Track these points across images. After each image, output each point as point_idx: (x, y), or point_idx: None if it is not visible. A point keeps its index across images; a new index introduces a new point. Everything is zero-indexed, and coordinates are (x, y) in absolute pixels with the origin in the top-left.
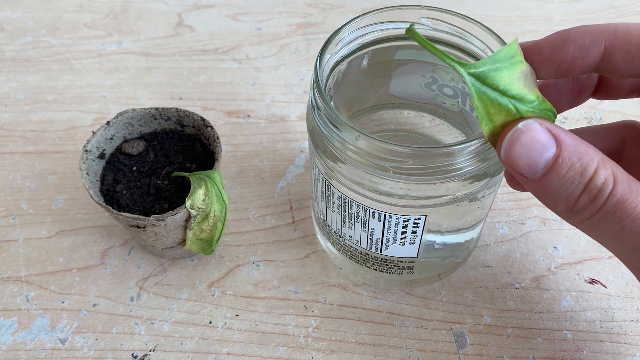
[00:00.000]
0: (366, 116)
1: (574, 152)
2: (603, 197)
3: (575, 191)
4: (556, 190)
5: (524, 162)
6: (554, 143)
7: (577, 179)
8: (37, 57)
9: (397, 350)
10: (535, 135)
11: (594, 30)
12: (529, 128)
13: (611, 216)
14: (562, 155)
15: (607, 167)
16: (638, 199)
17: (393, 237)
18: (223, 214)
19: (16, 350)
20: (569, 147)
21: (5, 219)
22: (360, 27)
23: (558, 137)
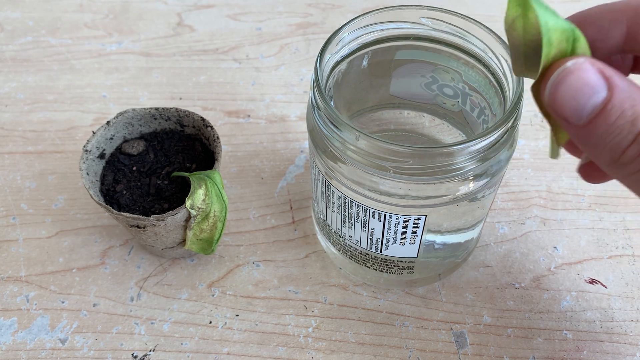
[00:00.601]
0: (366, 116)
1: (627, 98)
2: None
3: (624, 141)
4: (602, 138)
5: (569, 105)
6: (605, 86)
7: (627, 128)
8: (37, 57)
9: (397, 350)
10: (585, 76)
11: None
12: (579, 67)
13: None
14: (612, 100)
15: None
16: None
17: (393, 237)
18: (223, 214)
19: (16, 350)
20: (622, 92)
21: (5, 219)
22: (360, 27)
23: (611, 79)
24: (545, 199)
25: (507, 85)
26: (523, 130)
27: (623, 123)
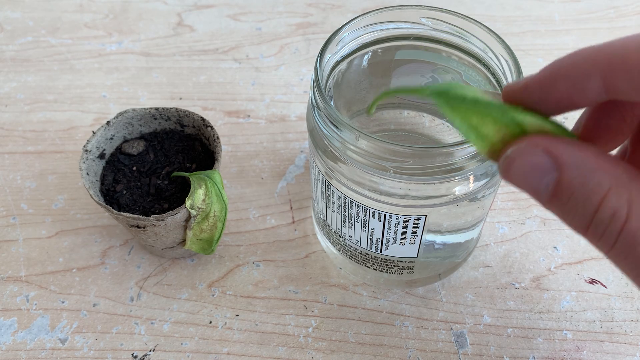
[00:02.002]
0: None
1: (576, 175)
2: (612, 236)
3: (582, 222)
4: (564, 217)
5: (526, 188)
6: (553, 165)
7: (581, 210)
8: (37, 57)
9: (397, 350)
10: (529, 161)
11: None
12: (521, 153)
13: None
14: (562, 180)
15: (621, 193)
16: None
17: (393, 237)
18: (223, 214)
19: (16, 350)
20: (571, 169)
21: (5, 219)
22: (360, 27)
23: (559, 157)
24: None
25: None
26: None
27: (576, 205)
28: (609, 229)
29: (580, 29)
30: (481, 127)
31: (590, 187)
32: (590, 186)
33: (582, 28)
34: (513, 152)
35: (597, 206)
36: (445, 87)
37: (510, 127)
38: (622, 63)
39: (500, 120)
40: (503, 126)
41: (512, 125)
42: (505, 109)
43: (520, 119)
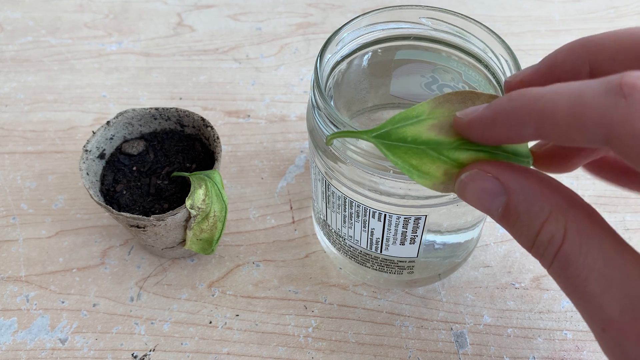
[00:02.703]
0: (366, 116)
1: (522, 200)
2: (549, 257)
3: (527, 242)
4: (513, 235)
5: (480, 206)
6: (502, 189)
7: (525, 232)
8: (37, 57)
9: (397, 350)
10: (481, 185)
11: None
12: (472, 178)
13: (558, 278)
14: (509, 204)
15: (559, 218)
16: (584, 264)
17: (393, 237)
18: (223, 214)
19: (16, 350)
20: (517, 194)
21: (5, 219)
22: (360, 27)
23: (506, 183)
24: None
25: None
26: None
27: (521, 227)
28: (547, 251)
29: (580, 29)
30: (421, 166)
31: (533, 213)
32: (533, 211)
33: (582, 28)
34: (466, 177)
35: (538, 230)
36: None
37: (449, 164)
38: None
39: (438, 159)
40: (442, 163)
41: (449, 162)
42: (441, 149)
43: (456, 156)
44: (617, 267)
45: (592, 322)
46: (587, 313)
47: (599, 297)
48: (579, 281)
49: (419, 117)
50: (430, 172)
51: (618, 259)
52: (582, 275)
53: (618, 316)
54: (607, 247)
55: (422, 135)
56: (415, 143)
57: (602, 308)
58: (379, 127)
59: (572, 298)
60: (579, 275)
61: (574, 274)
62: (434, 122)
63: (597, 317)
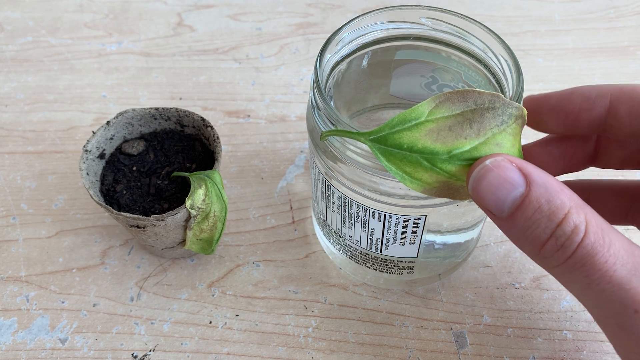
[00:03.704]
0: (366, 116)
1: (544, 192)
2: (572, 247)
3: (542, 235)
4: (523, 231)
5: (491, 200)
6: (523, 182)
7: (544, 223)
8: (37, 57)
9: (397, 350)
10: (504, 173)
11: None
12: (498, 165)
13: (579, 268)
14: (530, 194)
15: (579, 213)
16: (609, 253)
17: (393, 237)
18: (223, 214)
19: (16, 350)
20: (540, 187)
21: (5, 219)
22: (360, 27)
23: (529, 175)
24: None
25: (507, 85)
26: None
27: (540, 217)
28: (570, 240)
29: (580, 29)
30: (414, 173)
31: (554, 204)
32: (557, 202)
33: (582, 28)
34: (491, 163)
35: (561, 220)
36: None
37: (441, 174)
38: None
39: (431, 169)
40: (434, 173)
41: (442, 173)
42: (434, 160)
43: (449, 168)
44: (636, 255)
45: (620, 308)
46: (615, 300)
47: (629, 281)
48: (607, 267)
49: (417, 119)
50: (422, 179)
51: (634, 248)
52: (611, 260)
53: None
54: (624, 239)
55: (418, 143)
56: (411, 151)
57: (633, 290)
58: (377, 130)
59: (595, 288)
60: (606, 261)
61: (602, 260)
62: (431, 127)
63: (629, 300)
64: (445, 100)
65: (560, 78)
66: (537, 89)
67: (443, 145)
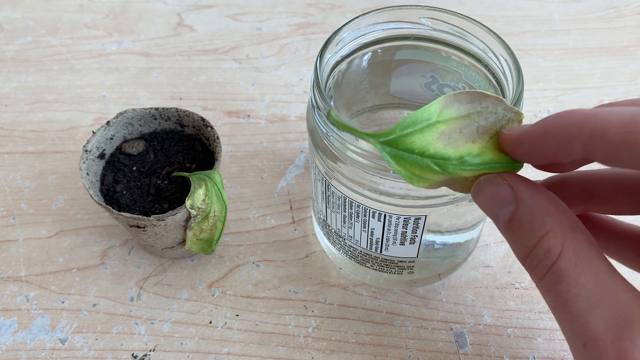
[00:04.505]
0: (366, 116)
1: (528, 212)
2: (543, 269)
3: (523, 252)
4: (512, 243)
5: (489, 210)
6: (513, 199)
7: (525, 241)
8: (37, 57)
9: (397, 350)
10: (495, 190)
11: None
12: (491, 182)
13: (548, 291)
14: (516, 212)
15: (558, 236)
16: (576, 282)
17: (393, 237)
18: (223, 214)
19: (16, 350)
20: (525, 206)
21: (5, 219)
22: (360, 27)
23: (518, 194)
24: None
25: (507, 85)
26: None
27: (522, 235)
28: (542, 263)
29: (580, 29)
30: (423, 175)
31: (535, 225)
32: (536, 224)
33: (582, 28)
34: (485, 179)
35: (536, 242)
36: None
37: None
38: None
39: (441, 173)
40: (444, 175)
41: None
42: (446, 165)
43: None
44: (607, 289)
45: (574, 337)
46: (570, 329)
47: (585, 314)
48: (569, 296)
49: (429, 120)
50: (430, 179)
51: (610, 282)
52: (573, 291)
53: (601, 334)
54: (600, 270)
55: (430, 148)
56: (422, 155)
57: (587, 324)
58: (387, 132)
59: (558, 313)
60: (569, 290)
61: (565, 289)
62: (443, 129)
63: (581, 333)
64: (454, 101)
65: (560, 78)
66: (537, 89)
67: (454, 151)
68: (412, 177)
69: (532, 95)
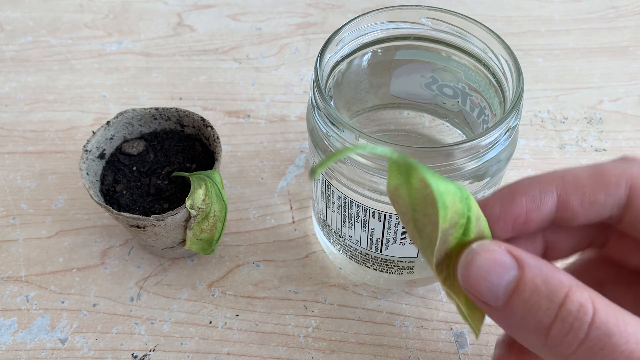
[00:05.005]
0: (366, 116)
1: (538, 273)
2: (583, 328)
3: (545, 319)
4: (523, 318)
5: (484, 287)
6: (514, 264)
7: (545, 304)
8: (37, 57)
9: (397, 350)
10: (493, 256)
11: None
12: (486, 248)
13: (598, 353)
14: (524, 276)
15: (582, 291)
16: (627, 332)
17: (393, 237)
18: (223, 214)
19: (16, 350)
20: (533, 268)
21: (5, 219)
22: (360, 27)
23: (519, 257)
24: None
25: (507, 85)
26: (523, 130)
27: (539, 299)
28: (578, 321)
29: (580, 29)
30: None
31: (552, 284)
32: (554, 282)
33: (582, 28)
34: (477, 246)
35: (562, 301)
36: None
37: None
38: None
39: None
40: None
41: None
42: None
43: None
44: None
45: None
46: None
47: None
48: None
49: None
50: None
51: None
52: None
53: None
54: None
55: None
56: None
57: None
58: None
59: None
60: (627, 341)
61: (618, 342)
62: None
63: None
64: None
65: (560, 78)
66: (537, 89)
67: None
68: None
69: (532, 95)
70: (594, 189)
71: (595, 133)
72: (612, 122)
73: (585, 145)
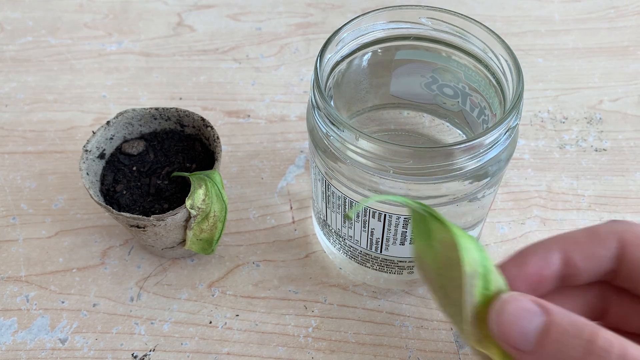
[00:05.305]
0: (366, 116)
1: (564, 318)
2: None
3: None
4: (555, 358)
5: (515, 331)
6: (541, 311)
7: (576, 342)
8: (37, 57)
9: (397, 350)
10: (521, 304)
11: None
12: (514, 298)
13: None
14: (552, 320)
15: (604, 330)
16: None
17: (393, 237)
18: (223, 214)
19: (16, 350)
20: (559, 313)
21: (5, 219)
22: (360, 27)
23: (544, 305)
24: (545, 199)
25: (507, 85)
26: (523, 130)
27: (569, 339)
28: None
29: (580, 29)
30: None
31: (579, 324)
32: (579, 324)
33: (582, 28)
34: (507, 297)
35: (591, 336)
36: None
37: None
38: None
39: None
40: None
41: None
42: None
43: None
44: None
45: None
46: None
47: None
48: None
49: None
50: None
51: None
52: None
53: None
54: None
55: None
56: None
57: None
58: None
59: None
60: None
61: None
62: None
63: None
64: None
65: (560, 78)
66: (537, 89)
67: None
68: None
69: (532, 95)
70: (591, 245)
71: (595, 133)
72: (612, 122)
73: (585, 145)
